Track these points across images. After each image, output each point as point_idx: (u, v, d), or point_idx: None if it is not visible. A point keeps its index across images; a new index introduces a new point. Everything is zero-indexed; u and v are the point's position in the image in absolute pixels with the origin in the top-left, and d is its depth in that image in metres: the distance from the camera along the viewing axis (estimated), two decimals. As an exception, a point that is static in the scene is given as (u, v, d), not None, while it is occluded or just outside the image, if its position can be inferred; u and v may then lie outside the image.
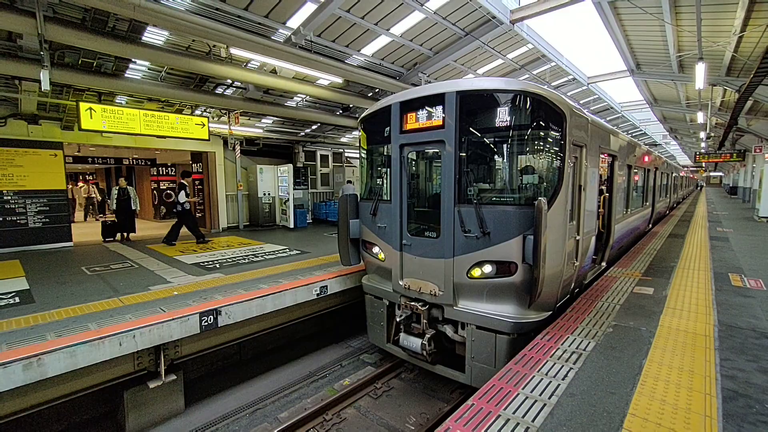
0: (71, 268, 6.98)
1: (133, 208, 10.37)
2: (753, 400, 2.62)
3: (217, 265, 7.05)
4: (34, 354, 3.44)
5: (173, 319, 4.32)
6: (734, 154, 20.69)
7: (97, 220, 15.52)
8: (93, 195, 17.33)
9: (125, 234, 10.54)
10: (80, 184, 19.21)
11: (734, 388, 2.77)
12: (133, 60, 8.07)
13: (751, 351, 3.36)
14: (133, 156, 16.33)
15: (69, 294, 5.35)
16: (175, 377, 4.61)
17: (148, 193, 17.07)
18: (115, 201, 10.02)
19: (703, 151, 24.29)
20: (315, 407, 4.50)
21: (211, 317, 4.63)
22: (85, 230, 13.03)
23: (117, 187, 10.20)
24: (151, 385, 4.42)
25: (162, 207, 16.78)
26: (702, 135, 20.26)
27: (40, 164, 9.21)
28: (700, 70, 8.11)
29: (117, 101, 10.13)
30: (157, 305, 4.77)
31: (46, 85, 5.79)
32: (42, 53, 5.66)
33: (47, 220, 9.33)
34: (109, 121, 8.08)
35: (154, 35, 7.67)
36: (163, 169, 17.01)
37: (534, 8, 8.65)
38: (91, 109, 7.83)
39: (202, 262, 7.33)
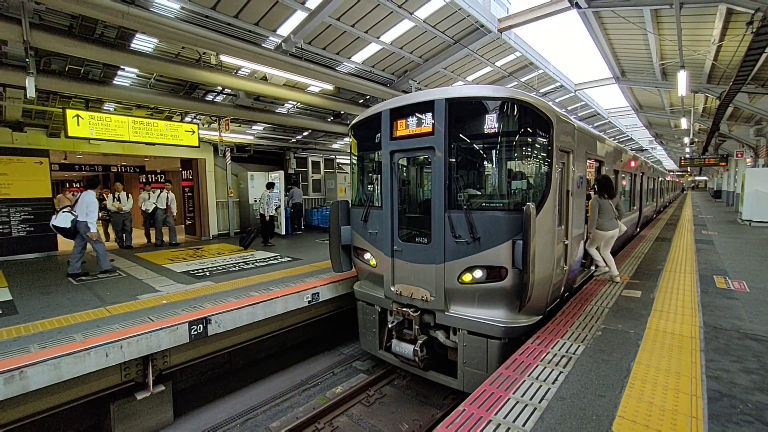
0: (57, 278, 6.82)
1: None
2: (737, 400, 2.67)
3: (207, 273, 6.97)
4: (17, 367, 3.35)
5: (162, 329, 4.25)
6: (717, 159, 21.24)
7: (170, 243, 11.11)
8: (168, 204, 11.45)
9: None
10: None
11: (719, 389, 2.82)
12: (121, 67, 8.02)
13: (735, 352, 3.43)
14: (122, 163, 16.09)
15: (54, 304, 5.23)
16: (163, 388, 4.52)
17: (137, 200, 16.72)
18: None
19: (687, 156, 24.85)
20: (306, 416, 4.45)
21: (201, 326, 4.57)
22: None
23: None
24: (139, 396, 4.33)
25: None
26: (686, 140, 20.73)
27: (24, 172, 9.05)
28: (682, 77, 8.36)
29: (105, 108, 10.01)
30: (146, 314, 4.69)
31: (31, 93, 5.71)
32: (28, 60, 5.59)
33: (32, 228, 9.14)
34: (96, 128, 7.99)
35: (143, 42, 7.62)
36: (152, 176, 16.79)
37: (521, 17, 8.85)
38: (78, 116, 7.73)
39: (192, 271, 7.24)
